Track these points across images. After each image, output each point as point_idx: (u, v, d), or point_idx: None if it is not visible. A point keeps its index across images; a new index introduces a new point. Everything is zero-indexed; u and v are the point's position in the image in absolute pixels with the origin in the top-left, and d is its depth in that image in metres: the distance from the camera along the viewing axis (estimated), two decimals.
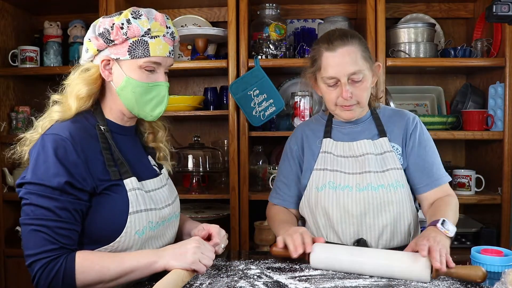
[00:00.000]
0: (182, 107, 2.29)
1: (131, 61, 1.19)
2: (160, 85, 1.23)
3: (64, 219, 1.08)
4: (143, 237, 1.18)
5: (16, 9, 2.51)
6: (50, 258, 1.06)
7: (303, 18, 2.56)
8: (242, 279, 1.15)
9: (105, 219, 1.14)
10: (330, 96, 1.43)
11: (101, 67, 1.21)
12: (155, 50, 1.19)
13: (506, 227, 2.14)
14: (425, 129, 1.50)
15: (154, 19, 1.19)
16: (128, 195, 1.16)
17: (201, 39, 2.33)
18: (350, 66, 1.37)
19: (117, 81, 1.21)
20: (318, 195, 1.45)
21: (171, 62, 1.25)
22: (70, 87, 1.22)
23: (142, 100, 1.22)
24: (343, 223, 1.41)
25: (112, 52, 1.19)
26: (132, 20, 1.17)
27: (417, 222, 1.49)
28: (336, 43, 1.38)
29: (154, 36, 1.19)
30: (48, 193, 1.07)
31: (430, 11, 2.49)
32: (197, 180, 2.38)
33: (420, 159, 1.44)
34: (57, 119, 1.19)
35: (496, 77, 2.19)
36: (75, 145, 1.12)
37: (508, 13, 1.18)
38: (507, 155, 2.13)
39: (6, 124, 2.40)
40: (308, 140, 1.54)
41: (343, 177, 1.43)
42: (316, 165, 1.49)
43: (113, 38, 1.18)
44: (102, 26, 1.19)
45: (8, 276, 2.41)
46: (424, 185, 1.44)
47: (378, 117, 1.50)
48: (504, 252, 1.21)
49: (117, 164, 1.18)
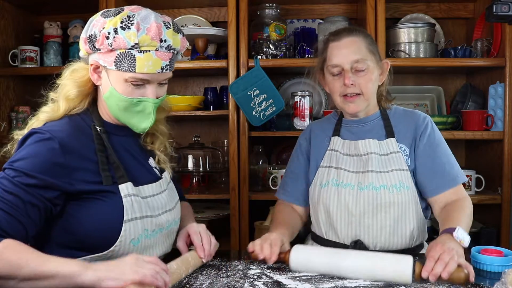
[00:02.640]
0: (182, 107, 2.29)
1: (117, 72, 1.11)
2: (146, 101, 1.14)
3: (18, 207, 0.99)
4: (138, 245, 1.12)
5: (16, 9, 2.51)
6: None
7: (303, 18, 2.56)
8: (242, 279, 1.15)
9: (97, 226, 1.08)
10: (335, 85, 1.44)
11: (91, 70, 1.15)
12: (142, 67, 1.09)
13: (506, 227, 2.14)
14: (436, 129, 1.47)
15: (146, 30, 1.08)
16: (123, 202, 1.10)
17: (201, 39, 2.33)
18: (353, 54, 1.40)
19: (104, 88, 1.16)
20: (321, 192, 1.46)
21: (165, 76, 1.16)
22: (61, 87, 1.18)
23: (126, 113, 1.15)
24: (343, 221, 1.41)
25: (101, 58, 1.12)
26: (119, 30, 1.07)
27: (424, 227, 1.46)
28: (342, 34, 1.45)
29: (143, 50, 1.09)
30: (19, 179, 1.00)
31: (430, 11, 2.48)
32: (197, 180, 2.38)
33: (429, 160, 1.41)
34: (44, 120, 1.15)
35: (496, 77, 2.19)
36: (62, 145, 1.06)
37: (508, 13, 1.19)
38: (507, 155, 2.13)
39: (6, 124, 2.41)
40: (317, 137, 1.56)
41: (346, 175, 1.44)
42: (322, 163, 1.50)
43: (98, 46, 1.10)
44: (95, 28, 1.11)
45: None
46: (434, 188, 1.40)
47: (387, 117, 1.49)
48: (504, 252, 1.21)
49: (112, 168, 1.13)
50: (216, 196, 2.30)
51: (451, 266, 1.06)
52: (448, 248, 1.11)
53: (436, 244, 1.14)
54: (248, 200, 2.22)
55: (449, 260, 1.07)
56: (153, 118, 1.18)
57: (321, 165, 1.50)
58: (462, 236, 1.18)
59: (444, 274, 1.05)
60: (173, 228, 1.27)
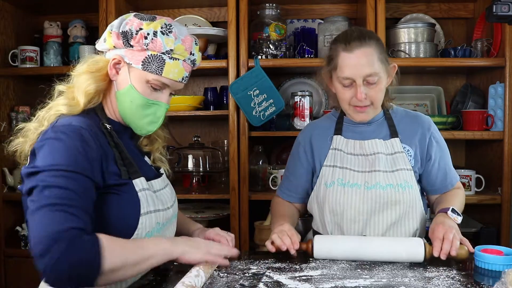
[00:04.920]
0: (182, 107, 2.29)
1: (142, 72, 1.15)
2: (159, 105, 1.20)
3: (83, 201, 1.00)
4: (151, 238, 1.15)
5: (16, 9, 2.51)
6: (74, 237, 0.93)
7: (303, 18, 2.56)
8: (242, 279, 1.15)
9: (117, 220, 1.10)
10: (345, 96, 1.43)
11: (110, 64, 1.17)
12: (168, 72, 1.15)
13: (506, 227, 2.14)
14: (438, 131, 1.54)
15: (182, 41, 1.16)
16: (139, 196, 1.13)
17: (201, 39, 2.32)
18: (366, 68, 1.36)
19: (120, 84, 1.18)
20: (327, 192, 1.46)
21: (180, 86, 1.22)
22: (78, 80, 1.17)
23: (137, 113, 1.18)
24: (350, 220, 1.43)
25: (127, 55, 1.15)
26: (159, 34, 1.13)
27: (425, 224, 1.51)
28: (353, 43, 1.37)
29: (174, 57, 1.16)
30: (67, 175, 0.99)
31: (430, 11, 2.49)
32: (197, 180, 2.38)
33: (438, 164, 1.49)
34: (64, 113, 1.14)
35: (496, 77, 2.19)
36: (92, 135, 1.08)
37: (508, 13, 1.18)
38: (507, 155, 2.13)
39: (6, 124, 2.41)
40: (318, 136, 1.55)
41: (352, 175, 1.45)
42: (325, 162, 1.50)
43: (133, 44, 1.14)
44: (129, 25, 1.14)
45: (8, 276, 2.41)
46: (437, 188, 1.52)
47: (390, 117, 1.51)
48: (504, 252, 1.21)
49: (125, 164, 1.15)
50: (216, 196, 2.31)
51: (456, 243, 1.22)
52: (448, 227, 1.27)
53: (437, 225, 1.28)
54: (248, 200, 2.22)
55: (452, 238, 1.22)
56: (161, 122, 1.23)
57: (324, 164, 1.50)
58: (456, 214, 1.34)
59: (453, 251, 1.20)
60: (173, 222, 1.31)
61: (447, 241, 1.22)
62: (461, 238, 1.25)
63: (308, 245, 1.30)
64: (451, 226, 1.27)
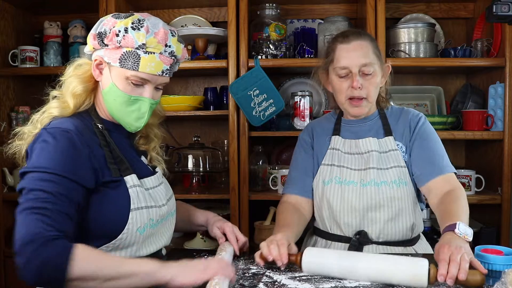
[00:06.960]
0: (182, 107, 2.29)
1: (120, 69, 1.17)
2: (142, 100, 1.21)
3: (64, 204, 1.03)
4: (144, 234, 1.18)
5: (16, 9, 2.51)
6: (46, 239, 0.98)
7: (303, 18, 2.56)
8: (242, 279, 1.15)
9: (107, 215, 1.13)
10: (341, 86, 1.48)
11: (93, 66, 1.20)
12: (145, 66, 1.16)
13: (506, 227, 2.14)
14: (428, 124, 1.54)
15: (154, 34, 1.16)
16: (129, 192, 1.16)
17: (201, 39, 2.33)
18: (362, 58, 1.44)
19: (104, 84, 1.21)
20: (324, 189, 1.50)
21: (164, 80, 1.22)
22: (65, 84, 1.22)
23: (122, 110, 1.21)
24: (346, 216, 1.46)
25: (106, 54, 1.18)
26: (129, 29, 1.14)
27: (421, 219, 1.53)
28: (351, 36, 1.47)
29: (148, 51, 1.16)
30: (51, 178, 1.04)
31: (430, 11, 2.48)
32: (197, 180, 2.38)
33: (421, 149, 1.48)
34: (56, 115, 1.19)
35: (496, 77, 2.19)
36: (80, 137, 1.11)
37: (508, 13, 1.19)
38: (507, 155, 2.13)
39: (6, 124, 2.41)
40: (319, 135, 1.60)
41: (348, 173, 1.49)
42: (324, 161, 1.55)
43: (106, 43, 1.16)
44: (105, 26, 1.17)
45: (8, 276, 2.41)
46: (427, 174, 1.43)
47: (385, 116, 1.55)
48: (504, 252, 1.21)
49: (117, 162, 1.18)
50: (216, 196, 2.31)
51: (464, 265, 1.05)
52: (455, 247, 1.10)
53: (443, 246, 1.12)
54: (248, 200, 2.22)
55: (460, 260, 1.06)
56: (147, 118, 1.23)
57: (322, 163, 1.54)
58: (464, 230, 1.17)
59: (461, 275, 1.03)
60: (170, 219, 1.32)
61: (454, 264, 1.05)
62: (471, 260, 1.08)
63: (297, 257, 1.20)
64: (459, 246, 1.10)
